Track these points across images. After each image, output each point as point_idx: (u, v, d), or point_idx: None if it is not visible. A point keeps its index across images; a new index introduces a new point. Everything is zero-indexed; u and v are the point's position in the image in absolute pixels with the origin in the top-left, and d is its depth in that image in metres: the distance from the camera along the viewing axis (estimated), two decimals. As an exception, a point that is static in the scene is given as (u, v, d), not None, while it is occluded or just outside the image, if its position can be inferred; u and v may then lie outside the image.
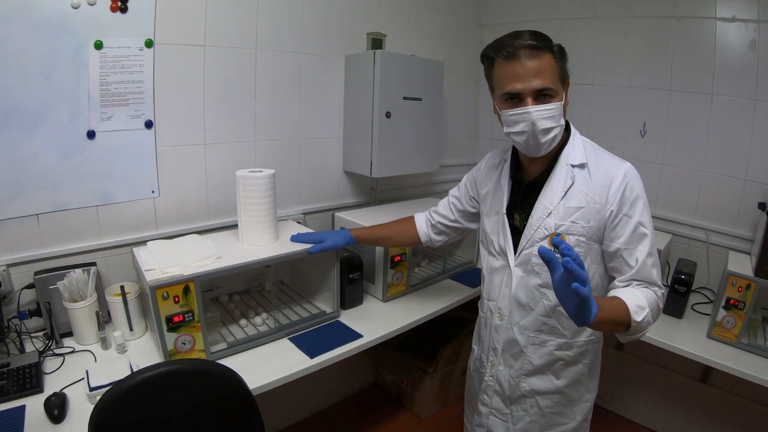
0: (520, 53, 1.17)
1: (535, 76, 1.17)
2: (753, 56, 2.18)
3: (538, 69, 1.17)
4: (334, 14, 2.27)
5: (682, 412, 2.56)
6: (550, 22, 2.79)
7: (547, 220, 1.30)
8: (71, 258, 1.70)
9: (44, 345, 1.57)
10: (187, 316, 1.46)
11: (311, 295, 2.03)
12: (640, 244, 1.23)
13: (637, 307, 1.15)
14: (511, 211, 1.41)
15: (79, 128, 1.64)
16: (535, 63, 1.17)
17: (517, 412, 1.50)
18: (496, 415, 1.54)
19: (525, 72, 1.18)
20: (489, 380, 1.53)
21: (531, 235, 1.33)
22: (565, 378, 1.42)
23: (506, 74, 1.21)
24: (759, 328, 2.05)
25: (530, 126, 1.20)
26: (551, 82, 1.19)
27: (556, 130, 1.23)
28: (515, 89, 1.20)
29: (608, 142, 1.39)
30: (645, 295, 1.20)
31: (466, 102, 3.17)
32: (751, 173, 2.25)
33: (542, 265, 1.29)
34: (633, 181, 1.24)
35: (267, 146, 2.15)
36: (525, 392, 1.46)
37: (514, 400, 1.49)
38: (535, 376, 1.43)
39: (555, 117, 1.21)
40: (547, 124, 1.21)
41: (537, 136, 1.22)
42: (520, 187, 1.41)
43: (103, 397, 1.11)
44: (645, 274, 1.24)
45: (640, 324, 1.15)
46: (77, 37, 1.58)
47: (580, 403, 1.46)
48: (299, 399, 2.60)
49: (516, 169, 1.43)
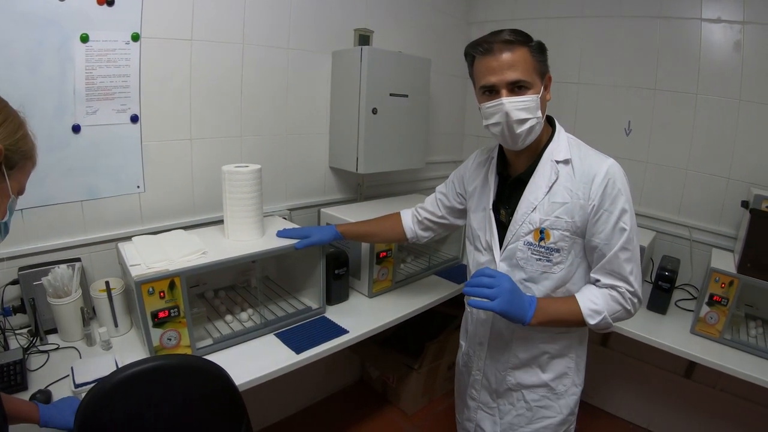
0: (495, 48, 1.22)
1: (509, 68, 1.21)
2: (737, 57, 2.21)
3: (512, 62, 1.21)
4: (321, 10, 2.27)
5: (667, 407, 2.59)
6: (537, 21, 2.80)
7: (532, 215, 1.32)
8: (56, 254, 1.69)
9: (29, 342, 1.55)
10: (173, 312, 1.46)
11: (297, 290, 2.02)
12: (618, 239, 1.25)
13: (591, 311, 1.24)
14: (497, 207, 1.43)
15: (65, 122, 1.63)
16: (510, 56, 1.21)
17: (504, 406, 1.51)
18: (484, 409, 1.56)
19: (499, 65, 1.22)
20: (476, 374, 1.55)
21: (516, 230, 1.34)
22: (551, 371, 1.44)
23: (483, 68, 1.26)
24: (742, 323, 2.09)
25: (504, 117, 1.23)
26: (525, 75, 1.22)
27: (531, 121, 1.25)
28: (490, 82, 1.24)
29: (593, 140, 1.40)
30: (605, 298, 1.26)
31: (453, 99, 3.17)
32: (734, 172, 2.29)
33: (527, 259, 1.33)
34: (615, 178, 1.25)
35: (253, 141, 2.15)
36: (511, 386, 1.48)
37: (501, 393, 1.51)
38: (521, 369, 1.45)
39: (530, 108, 1.23)
40: (521, 115, 1.23)
41: (512, 126, 1.24)
42: (506, 183, 1.42)
43: (89, 393, 1.10)
44: (615, 267, 1.26)
45: (597, 326, 1.25)
46: (63, 30, 1.56)
47: (566, 396, 1.47)
48: (286, 395, 2.60)
49: (502, 166, 1.45)
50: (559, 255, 1.31)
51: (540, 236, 1.31)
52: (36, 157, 0.97)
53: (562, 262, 1.31)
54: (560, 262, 1.31)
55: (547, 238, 1.30)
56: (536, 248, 1.32)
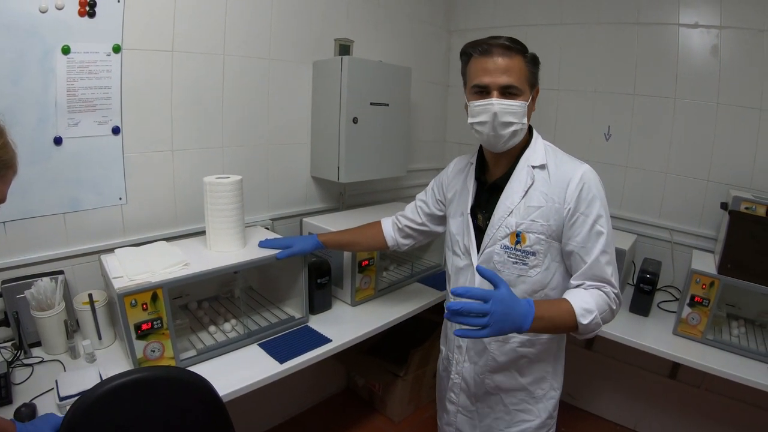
0: (493, 50, 1.26)
1: (504, 73, 1.26)
2: (715, 61, 2.25)
3: (507, 67, 1.26)
4: (302, 20, 2.28)
5: (653, 408, 2.61)
6: (517, 28, 2.82)
7: (508, 219, 1.35)
8: (39, 266, 1.67)
9: (12, 355, 1.54)
10: (156, 324, 1.46)
11: (280, 300, 2.02)
12: (597, 243, 1.28)
13: (584, 310, 1.23)
14: (474, 212, 1.46)
15: (47, 134, 1.62)
16: (506, 61, 1.26)
17: (483, 409, 1.53)
18: (463, 412, 1.58)
19: (495, 68, 1.26)
20: (455, 378, 1.56)
21: (493, 233, 1.37)
22: (529, 375, 1.46)
23: (478, 68, 1.29)
24: (724, 324, 2.11)
25: (492, 117, 1.27)
26: (517, 82, 1.26)
27: (516, 126, 1.29)
28: (483, 82, 1.28)
29: (574, 146, 1.44)
30: (594, 298, 1.26)
31: (434, 107, 3.19)
32: (713, 174, 2.32)
33: (504, 262, 1.36)
34: (590, 182, 1.29)
35: (235, 152, 2.15)
36: (490, 389, 1.49)
37: (480, 397, 1.52)
38: (500, 373, 1.47)
39: (517, 114, 1.28)
40: (508, 119, 1.27)
41: (497, 128, 1.28)
42: (483, 189, 1.46)
43: (73, 406, 1.10)
44: (597, 271, 1.28)
45: (588, 326, 1.23)
46: (45, 42, 1.56)
47: (544, 400, 1.49)
48: (272, 406, 2.59)
49: (480, 171, 1.48)
50: (535, 258, 1.34)
51: (516, 239, 1.34)
52: (17, 165, 0.96)
53: (538, 266, 1.34)
54: (536, 266, 1.34)
55: (523, 242, 1.33)
56: (512, 251, 1.35)
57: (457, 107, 3.27)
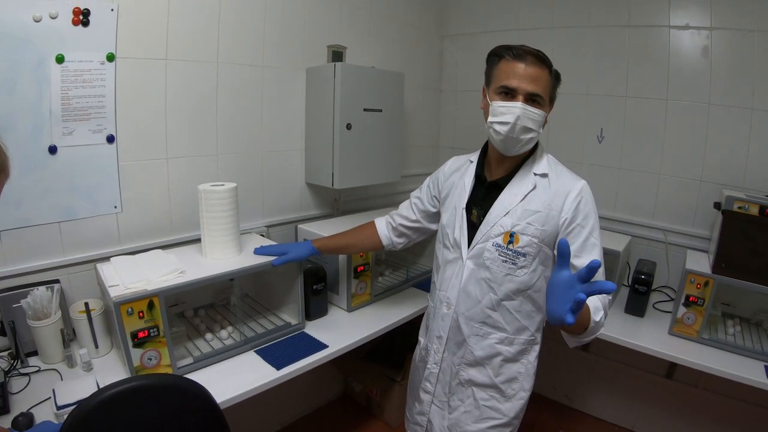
0: (527, 57, 1.31)
1: (532, 81, 1.30)
2: (706, 62, 2.27)
3: (536, 76, 1.30)
4: (295, 27, 2.29)
5: (650, 408, 2.62)
6: (509, 33, 2.84)
7: (504, 218, 1.38)
8: (34, 275, 1.67)
9: (9, 365, 1.54)
10: (153, 332, 1.46)
11: (276, 307, 2.02)
12: (591, 253, 1.32)
13: (595, 308, 1.25)
14: (469, 208, 1.48)
15: (41, 143, 1.62)
16: (536, 71, 1.30)
17: (454, 402, 1.56)
18: (436, 403, 1.61)
19: (525, 74, 1.30)
20: (432, 368, 1.59)
21: (487, 231, 1.40)
22: (502, 375, 1.49)
23: (509, 70, 1.32)
24: (719, 322, 2.12)
25: (515, 119, 1.30)
26: (543, 92, 1.31)
27: (533, 133, 1.34)
28: (512, 84, 1.31)
29: (567, 149, 1.47)
30: (598, 298, 1.28)
31: (427, 112, 3.19)
32: (706, 174, 2.34)
33: (493, 260, 1.39)
34: (587, 197, 1.36)
35: (229, 159, 2.15)
36: (463, 381, 1.52)
37: (453, 388, 1.55)
38: (475, 367, 1.50)
39: (537, 122, 1.32)
40: (529, 125, 1.31)
41: (517, 130, 1.32)
42: (482, 186, 1.48)
43: (70, 415, 1.09)
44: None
45: (598, 324, 1.25)
46: (39, 51, 1.56)
47: (514, 400, 1.52)
48: (269, 412, 2.58)
49: (481, 169, 1.51)
50: (524, 259, 1.37)
51: (509, 239, 1.37)
52: (9, 169, 0.96)
53: (525, 267, 1.38)
54: (524, 267, 1.38)
55: (515, 242, 1.37)
56: (504, 250, 1.38)
57: (449, 112, 3.29)
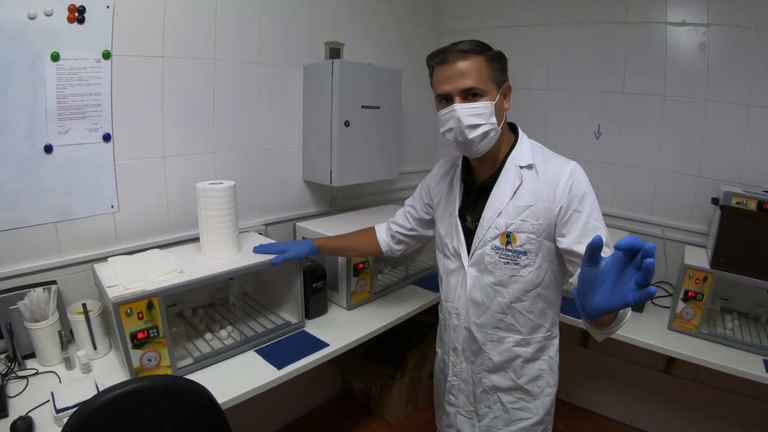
0: (450, 58, 1.27)
1: (462, 77, 1.26)
2: (703, 58, 2.27)
3: (465, 70, 1.26)
4: (292, 24, 2.28)
5: (649, 403, 2.63)
6: (506, 29, 2.83)
7: (498, 219, 1.35)
8: (31, 277, 1.65)
9: (7, 368, 1.52)
10: (152, 332, 1.44)
11: (276, 306, 2.01)
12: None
13: None
14: (463, 214, 1.46)
15: (37, 143, 1.60)
16: (464, 65, 1.26)
17: (482, 410, 1.53)
18: (462, 413, 1.58)
19: (453, 74, 1.27)
20: (453, 380, 1.57)
21: (483, 235, 1.38)
22: (525, 375, 1.46)
23: (439, 77, 1.31)
24: (718, 317, 2.14)
25: (456, 123, 1.28)
26: (478, 83, 1.26)
27: (484, 127, 1.28)
28: (444, 90, 1.29)
29: (564, 145, 1.45)
30: None
31: (424, 109, 3.18)
32: (703, 170, 2.35)
33: (495, 263, 1.36)
34: (579, 178, 1.29)
35: (227, 158, 2.14)
36: (487, 388, 1.50)
37: (478, 397, 1.53)
38: (496, 373, 1.47)
39: (482, 115, 1.27)
40: (473, 121, 1.27)
41: (463, 132, 1.28)
42: (471, 190, 1.46)
43: (70, 419, 1.09)
44: None
45: (623, 316, 1.16)
46: (34, 49, 1.54)
47: (541, 397, 1.49)
48: (269, 411, 2.57)
49: (467, 173, 1.48)
50: (526, 258, 1.34)
51: (507, 240, 1.34)
52: None
53: (529, 265, 1.34)
54: (528, 265, 1.34)
55: (513, 242, 1.34)
56: (503, 252, 1.35)
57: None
